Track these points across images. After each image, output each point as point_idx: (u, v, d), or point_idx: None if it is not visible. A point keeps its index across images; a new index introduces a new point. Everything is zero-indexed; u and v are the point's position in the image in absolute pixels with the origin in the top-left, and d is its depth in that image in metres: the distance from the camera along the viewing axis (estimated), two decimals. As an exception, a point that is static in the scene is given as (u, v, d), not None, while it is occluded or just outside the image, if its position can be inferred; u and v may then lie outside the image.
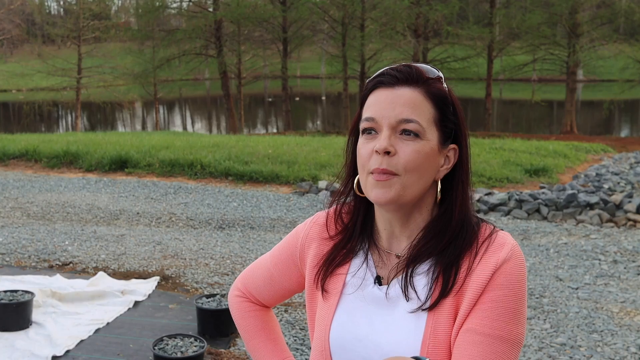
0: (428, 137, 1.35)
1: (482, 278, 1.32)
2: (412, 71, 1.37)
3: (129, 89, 35.95)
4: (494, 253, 1.33)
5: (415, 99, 1.35)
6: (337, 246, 1.50)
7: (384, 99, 1.35)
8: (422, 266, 1.38)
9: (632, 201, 9.53)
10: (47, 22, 43.54)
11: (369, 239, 1.48)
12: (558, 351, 5.02)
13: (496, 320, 1.30)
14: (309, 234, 1.57)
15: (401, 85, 1.36)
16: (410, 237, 1.41)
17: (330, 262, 1.49)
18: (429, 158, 1.35)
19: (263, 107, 48.76)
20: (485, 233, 1.38)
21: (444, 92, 1.39)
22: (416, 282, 1.37)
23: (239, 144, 15.65)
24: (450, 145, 1.40)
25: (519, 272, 1.33)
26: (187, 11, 34.30)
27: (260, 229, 9.02)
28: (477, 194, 10.59)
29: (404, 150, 1.32)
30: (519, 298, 1.32)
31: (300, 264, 1.58)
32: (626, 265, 7.23)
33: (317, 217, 1.59)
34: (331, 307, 1.45)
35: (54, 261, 7.15)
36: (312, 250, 1.54)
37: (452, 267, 1.35)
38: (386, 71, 1.39)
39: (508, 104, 43.00)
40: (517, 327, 1.32)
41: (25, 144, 15.41)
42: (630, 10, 28.13)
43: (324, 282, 1.48)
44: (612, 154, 17.23)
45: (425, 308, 1.34)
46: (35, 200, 10.64)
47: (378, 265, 1.45)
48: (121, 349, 4.88)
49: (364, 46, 27.81)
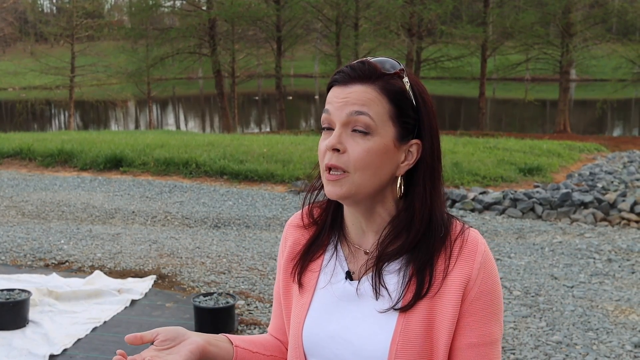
0: (380, 132, 1.34)
1: (463, 287, 1.33)
2: (364, 67, 1.36)
3: (123, 87, 35.83)
4: (469, 257, 1.34)
5: (367, 95, 1.34)
6: (309, 240, 1.51)
7: (337, 97, 1.35)
8: (392, 264, 1.38)
9: (625, 200, 9.58)
10: (40, 20, 43.28)
11: (339, 232, 1.48)
12: (554, 349, 5.04)
13: (485, 328, 1.35)
14: (285, 235, 1.58)
15: (353, 82, 1.35)
16: (377, 232, 1.41)
17: (304, 255, 1.50)
18: (382, 155, 1.34)
19: (256, 106, 48.73)
20: (457, 230, 1.38)
21: (401, 86, 1.36)
22: (387, 280, 1.37)
23: (233, 143, 15.65)
24: (413, 140, 1.38)
25: (495, 273, 1.37)
26: (181, 10, 34.25)
27: (255, 227, 9.02)
28: (472, 193, 10.63)
29: (354, 148, 1.32)
30: (498, 297, 1.37)
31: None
32: (620, 264, 7.27)
33: (291, 219, 1.60)
34: (305, 302, 1.46)
35: (50, 260, 7.14)
36: (288, 246, 1.55)
37: (426, 267, 1.34)
38: (342, 69, 1.38)
39: (501, 103, 43.05)
40: (500, 323, 1.38)
41: (19, 142, 15.35)
42: (623, 10, 28.23)
43: (300, 276, 1.49)
44: (605, 153, 17.29)
45: (397, 308, 1.34)
46: (30, 199, 10.61)
47: (349, 260, 1.45)
48: (118, 348, 4.86)
49: (357, 45, 27.82)
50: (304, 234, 1.53)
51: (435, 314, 1.33)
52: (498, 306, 1.36)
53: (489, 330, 1.35)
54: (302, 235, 1.53)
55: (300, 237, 1.54)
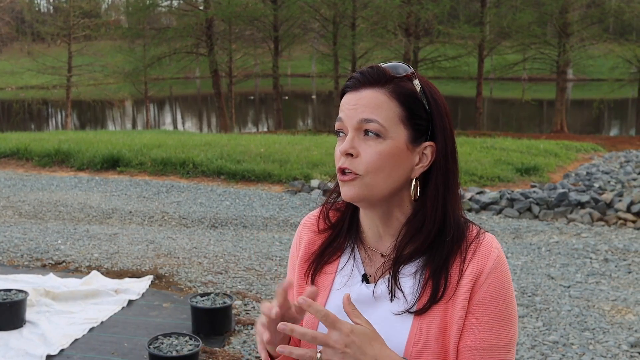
0: (392, 136, 1.35)
1: (470, 289, 1.33)
2: (374, 72, 1.38)
3: (120, 87, 35.78)
4: (481, 260, 1.35)
5: (377, 99, 1.36)
6: (325, 243, 1.52)
7: (349, 102, 1.38)
8: (408, 267, 1.39)
9: (622, 200, 9.59)
10: (37, 20, 43.33)
11: (356, 237, 1.49)
12: (550, 349, 5.05)
13: (491, 333, 1.34)
14: (300, 235, 1.59)
15: (364, 87, 1.37)
16: (394, 235, 1.42)
17: (319, 258, 1.51)
18: (395, 157, 1.36)
19: (254, 106, 48.71)
20: (472, 234, 1.39)
21: (411, 89, 1.38)
22: (403, 283, 1.38)
23: (230, 143, 15.64)
24: (426, 142, 1.39)
25: (506, 279, 1.36)
26: (178, 9, 34.23)
27: (253, 227, 9.02)
28: (469, 192, 10.63)
29: (366, 152, 1.35)
30: (508, 304, 1.36)
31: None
32: (617, 264, 7.29)
33: (306, 218, 1.60)
34: (320, 304, 1.45)
35: (47, 260, 7.14)
36: (302, 247, 1.55)
37: (441, 271, 1.35)
38: (353, 75, 1.41)
39: (498, 103, 43.09)
40: (511, 330, 1.36)
41: (16, 142, 15.33)
42: (620, 9, 28.24)
43: (314, 278, 1.50)
44: (602, 153, 17.31)
45: (413, 312, 1.35)
46: (27, 199, 10.60)
47: (365, 263, 1.46)
48: (116, 348, 4.88)
49: (355, 45, 27.81)
50: (319, 235, 1.55)
51: (448, 317, 1.34)
52: (505, 314, 1.35)
53: (494, 336, 1.34)
54: (318, 236, 1.55)
55: (316, 237, 1.55)
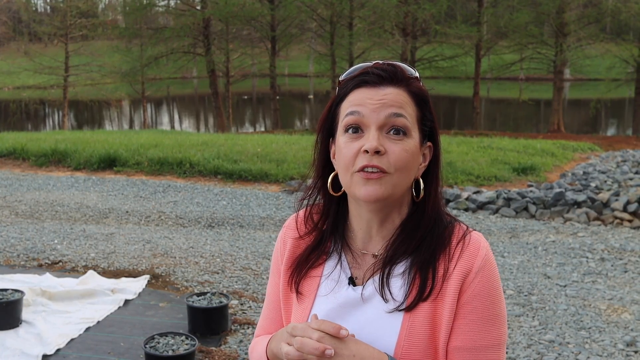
0: (412, 134, 1.36)
1: (459, 288, 1.33)
2: (396, 70, 1.37)
3: (117, 87, 35.80)
4: (469, 259, 1.34)
5: (402, 97, 1.35)
6: (309, 247, 1.49)
7: (370, 98, 1.34)
8: (398, 267, 1.38)
9: (619, 199, 9.60)
10: (34, 19, 43.21)
11: (342, 239, 1.47)
12: (546, 348, 5.06)
13: (480, 332, 1.33)
14: (283, 239, 1.56)
15: (386, 84, 1.35)
16: (386, 236, 1.41)
17: (303, 263, 1.48)
18: (414, 156, 1.36)
19: (251, 106, 48.68)
20: (459, 234, 1.38)
21: (424, 91, 1.40)
22: (392, 283, 1.37)
23: (227, 143, 15.63)
24: (427, 143, 1.42)
25: (494, 278, 1.36)
26: (175, 9, 34.22)
27: (249, 227, 9.02)
28: (466, 192, 10.64)
29: (393, 150, 1.32)
30: (497, 302, 1.35)
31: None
32: (613, 263, 7.30)
33: (288, 221, 1.58)
34: (305, 310, 1.45)
35: (43, 260, 7.13)
36: (287, 251, 1.53)
37: (428, 268, 1.35)
38: (370, 70, 1.37)
39: (496, 103, 43.10)
40: (500, 330, 1.35)
41: (12, 142, 15.31)
42: (617, 9, 28.27)
43: (298, 285, 1.47)
44: (599, 152, 17.33)
45: (402, 309, 1.34)
46: (24, 199, 10.59)
47: (352, 266, 1.44)
48: (112, 348, 4.87)
49: (352, 45, 27.84)
50: (301, 244, 1.51)
51: (437, 316, 1.33)
52: (494, 313, 1.34)
53: (483, 336, 1.33)
54: (302, 240, 1.52)
55: (300, 241, 1.52)
